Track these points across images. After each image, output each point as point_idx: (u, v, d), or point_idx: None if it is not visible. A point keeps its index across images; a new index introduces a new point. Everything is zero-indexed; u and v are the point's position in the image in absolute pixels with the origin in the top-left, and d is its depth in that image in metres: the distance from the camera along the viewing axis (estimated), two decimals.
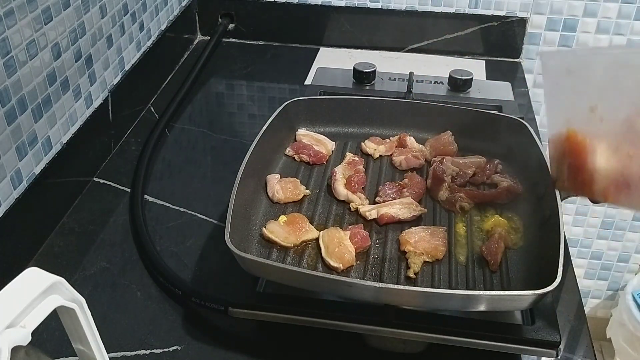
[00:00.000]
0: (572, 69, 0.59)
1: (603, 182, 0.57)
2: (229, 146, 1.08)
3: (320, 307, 0.69)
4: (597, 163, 0.57)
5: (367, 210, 0.80)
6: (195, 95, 1.23)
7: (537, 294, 0.60)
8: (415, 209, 0.79)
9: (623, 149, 0.55)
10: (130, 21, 1.10)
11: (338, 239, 0.74)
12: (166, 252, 0.85)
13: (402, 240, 0.75)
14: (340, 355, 0.72)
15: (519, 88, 1.26)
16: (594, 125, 0.57)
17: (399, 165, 0.90)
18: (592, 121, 0.56)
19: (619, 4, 1.29)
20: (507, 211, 0.81)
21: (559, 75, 0.60)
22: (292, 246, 0.75)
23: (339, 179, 0.84)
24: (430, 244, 0.74)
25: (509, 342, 0.65)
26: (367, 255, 0.74)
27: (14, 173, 0.80)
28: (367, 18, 1.36)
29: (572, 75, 0.59)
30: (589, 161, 0.57)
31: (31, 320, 0.39)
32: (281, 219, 0.78)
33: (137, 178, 0.97)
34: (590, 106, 0.56)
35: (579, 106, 0.58)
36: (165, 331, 0.74)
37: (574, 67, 0.58)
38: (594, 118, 0.56)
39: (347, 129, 0.97)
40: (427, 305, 0.68)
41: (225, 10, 1.40)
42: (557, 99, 0.62)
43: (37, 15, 0.82)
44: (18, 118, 0.80)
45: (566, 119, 0.60)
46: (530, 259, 0.73)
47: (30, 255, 0.84)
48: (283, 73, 1.31)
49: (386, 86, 1.17)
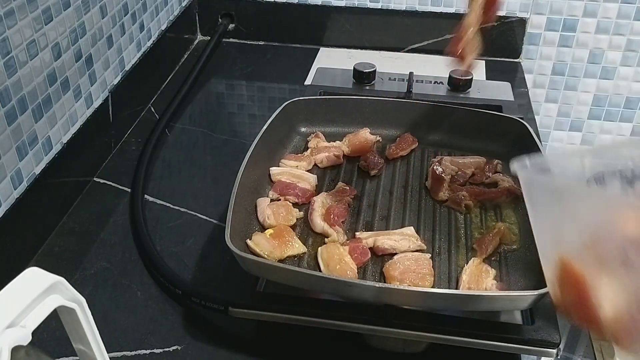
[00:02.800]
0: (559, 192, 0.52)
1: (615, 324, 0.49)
2: (229, 146, 1.08)
3: (320, 307, 0.69)
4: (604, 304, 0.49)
5: (364, 237, 0.75)
6: (195, 95, 1.23)
7: (537, 294, 0.60)
8: (415, 242, 0.75)
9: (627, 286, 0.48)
10: (130, 21, 1.10)
11: (338, 256, 0.72)
12: (166, 252, 0.85)
13: (386, 274, 0.71)
14: (340, 355, 0.72)
15: (519, 88, 1.26)
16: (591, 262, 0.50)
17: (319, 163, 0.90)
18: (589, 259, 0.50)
19: (618, 4, 1.29)
20: (506, 210, 0.81)
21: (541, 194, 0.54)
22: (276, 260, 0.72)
23: (316, 209, 0.78)
24: (417, 274, 0.70)
25: (509, 342, 0.65)
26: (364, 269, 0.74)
27: (15, 173, 0.80)
28: (367, 18, 1.36)
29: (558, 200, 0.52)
30: (592, 298, 0.50)
31: (31, 320, 0.39)
32: (268, 231, 0.75)
33: (137, 178, 0.97)
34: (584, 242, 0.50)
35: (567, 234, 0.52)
36: (165, 331, 0.74)
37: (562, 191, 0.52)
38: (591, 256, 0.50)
39: (347, 129, 0.96)
40: (427, 305, 0.68)
41: (226, 10, 1.40)
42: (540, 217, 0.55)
43: (38, 16, 0.82)
44: (18, 118, 0.80)
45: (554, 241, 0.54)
46: (530, 259, 0.73)
47: (31, 255, 0.84)
48: (283, 73, 1.31)
49: (386, 86, 1.17)
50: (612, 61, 1.35)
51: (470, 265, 0.71)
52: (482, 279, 0.69)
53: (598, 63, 1.36)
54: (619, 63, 1.35)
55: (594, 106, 1.42)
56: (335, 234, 0.76)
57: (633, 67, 1.35)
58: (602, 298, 0.49)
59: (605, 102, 1.41)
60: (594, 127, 1.45)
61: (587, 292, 0.49)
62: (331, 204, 0.80)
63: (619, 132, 1.44)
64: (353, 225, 0.80)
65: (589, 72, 1.38)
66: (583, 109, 1.43)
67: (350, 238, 0.77)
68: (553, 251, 0.53)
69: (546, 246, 0.55)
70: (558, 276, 0.52)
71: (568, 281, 0.51)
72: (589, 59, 1.36)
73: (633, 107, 1.41)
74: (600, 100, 1.41)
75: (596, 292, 0.49)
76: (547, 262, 0.54)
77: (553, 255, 0.53)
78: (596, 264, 0.49)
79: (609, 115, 1.42)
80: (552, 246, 0.54)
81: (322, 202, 0.80)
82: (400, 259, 0.72)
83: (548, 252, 0.54)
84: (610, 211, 0.49)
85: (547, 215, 0.54)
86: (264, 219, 0.78)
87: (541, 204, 0.54)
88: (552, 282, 0.54)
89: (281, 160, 0.89)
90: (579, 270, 0.50)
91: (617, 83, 1.38)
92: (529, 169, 0.53)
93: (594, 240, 0.50)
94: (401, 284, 0.69)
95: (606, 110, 1.42)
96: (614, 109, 1.41)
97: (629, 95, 1.39)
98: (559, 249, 0.52)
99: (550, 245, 0.54)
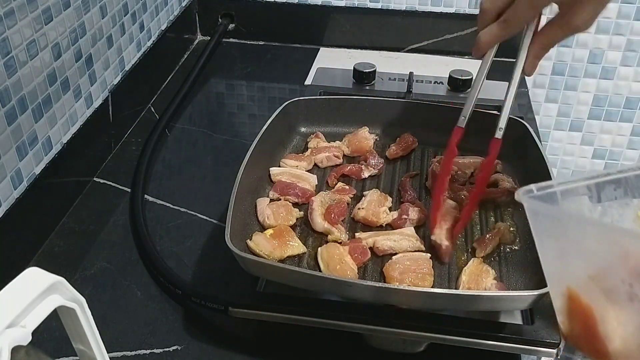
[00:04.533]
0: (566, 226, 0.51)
1: (621, 358, 0.49)
2: (229, 146, 1.08)
3: (320, 307, 0.69)
4: (611, 337, 0.48)
5: (364, 237, 0.76)
6: (195, 95, 1.23)
7: (537, 294, 0.60)
8: (414, 242, 0.75)
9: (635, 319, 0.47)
10: (130, 21, 1.10)
11: (338, 256, 0.72)
12: (166, 252, 0.85)
13: (386, 274, 0.71)
14: (340, 355, 0.72)
15: (519, 88, 1.25)
16: (597, 294, 0.49)
17: (320, 163, 0.90)
18: (595, 291, 0.49)
19: (619, 4, 1.29)
20: (506, 210, 0.81)
21: (548, 225, 0.53)
22: None
23: (315, 209, 0.78)
24: (417, 274, 0.70)
25: (509, 342, 0.65)
26: (364, 269, 0.74)
27: (14, 173, 0.80)
28: (367, 18, 1.36)
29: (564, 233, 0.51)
30: (600, 330, 0.49)
31: (31, 320, 0.39)
32: (268, 231, 0.75)
33: (137, 178, 0.97)
34: (589, 274, 0.49)
35: (574, 266, 0.51)
36: (165, 331, 0.74)
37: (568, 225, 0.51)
38: (596, 289, 0.49)
39: (347, 129, 0.96)
40: (427, 305, 0.68)
41: (226, 10, 1.40)
42: (547, 248, 0.54)
43: (38, 16, 0.82)
44: (18, 118, 0.80)
45: (561, 273, 0.53)
46: (530, 259, 0.73)
47: (30, 255, 0.84)
48: (283, 73, 1.31)
49: (386, 86, 1.17)
50: (612, 61, 1.35)
51: (470, 265, 0.71)
52: (482, 279, 0.69)
53: (598, 63, 1.36)
54: (619, 63, 1.35)
55: (594, 106, 1.42)
56: (337, 232, 0.76)
57: (633, 67, 1.35)
58: (610, 331, 0.48)
59: (605, 102, 1.41)
60: (594, 127, 1.45)
61: (595, 324, 0.49)
62: (331, 203, 0.80)
63: (619, 132, 1.44)
64: (353, 225, 0.80)
65: (589, 72, 1.38)
66: (583, 109, 1.43)
67: (350, 238, 0.77)
68: (560, 281, 0.52)
69: (554, 276, 0.54)
70: (566, 307, 0.52)
71: (576, 313, 0.51)
72: (589, 59, 1.36)
73: (633, 107, 1.41)
74: (600, 100, 1.41)
75: (604, 325, 0.48)
76: (555, 292, 0.53)
77: (560, 285, 0.52)
78: (602, 297, 0.49)
79: (609, 115, 1.42)
80: (559, 276, 0.53)
81: (320, 202, 0.80)
82: (400, 259, 0.72)
83: (555, 282, 0.54)
84: (615, 243, 0.48)
85: (554, 245, 0.53)
86: (263, 219, 0.78)
87: (547, 234, 0.53)
88: (560, 312, 0.53)
89: (281, 160, 0.89)
90: (586, 302, 0.49)
91: (617, 83, 1.38)
92: (535, 197, 0.52)
93: (600, 273, 0.49)
94: (401, 284, 0.69)
95: (606, 110, 1.42)
96: (614, 109, 1.42)
97: (629, 95, 1.39)
98: (566, 280, 0.52)
99: (558, 275, 0.53)
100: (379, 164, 0.89)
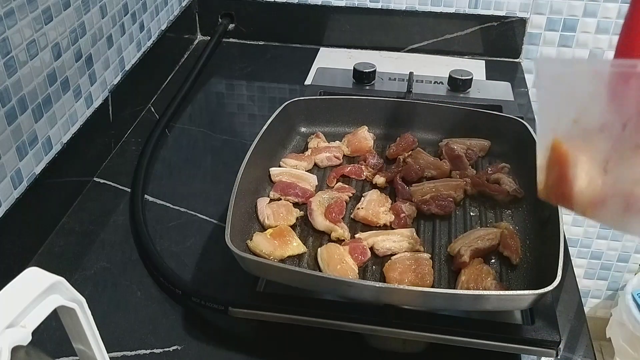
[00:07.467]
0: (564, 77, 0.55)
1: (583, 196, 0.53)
2: (229, 146, 1.08)
3: (320, 307, 0.69)
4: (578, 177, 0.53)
5: (364, 238, 0.75)
6: (195, 95, 1.23)
7: (537, 294, 0.60)
8: (414, 244, 0.75)
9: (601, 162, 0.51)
10: (130, 21, 1.10)
11: (339, 256, 0.72)
12: (166, 252, 0.85)
13: (386, 274, 0.71)
14: (340, 355, 0.72)
15: (519, 88, 1.26)
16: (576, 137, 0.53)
17: (320, 163, 0.90)
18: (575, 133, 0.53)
19: (618, 4, 1.29)
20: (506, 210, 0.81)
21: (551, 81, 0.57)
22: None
23: (315, 209, 0.78)
24: (416, 274, 0.70)
25: (509, 342, 0.65)
26: (365, 269, 0.74)
27: (14, 173, 0.80)
28: (367, 18, 1.36)
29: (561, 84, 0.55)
30: (570, 173, 0.54)
31: (31, 320, 0.39)
32: (268, 231, 0.76)
33: (137, 178, 0.97)
34: (573, 118, 0.53)
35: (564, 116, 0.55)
36: (165, 331, 0.74)
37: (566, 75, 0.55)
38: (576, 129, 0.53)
39: (347, 129, 0.97)
40: (427, 305, 0.68)
41: (226, 10, 1.40)
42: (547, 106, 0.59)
43: (38, 15, 0.82)
44: (18, 118, 0.80)
45: (552, 127, 0.57)
46: (530, 259, 0.73)
47: (30, 255, 0.84)
48: (283, 73, 1.31)
49: (386, 86, 1.17)
50: None
51: (470, 265, 0.71)
52: (481, 279, 0.69)
53: None
54: None
55: None
56: (340, 229, 0.76)
57: None
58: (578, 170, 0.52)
59: None
60: None
61: (567, 169, 0.53)
62: (329, 202, 0.81)
63: None
64: (353, 225, 0.80)
65: None
66: None
67: (350, 237, 0.77)
68: (549, 136, 0.55)
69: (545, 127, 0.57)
70: (547, 160, 0.55)
71: (554, 162, 0.54)
72: None
73: None
74: None
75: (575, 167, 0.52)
76: (542, 144, 0.56)
77: (548, 140, 0.55)
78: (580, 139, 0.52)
79: None
80: (549, 132, 0.56)
81: (319, 202, 0.80)
82: (400, 259, 0.72)
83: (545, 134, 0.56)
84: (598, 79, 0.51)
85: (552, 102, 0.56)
86: (263, 219, 0.78)
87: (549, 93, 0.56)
88: (541, 168, 0.56)
89: (281, 160, 0.89)
90: (565, 149, 0.53)
91: None
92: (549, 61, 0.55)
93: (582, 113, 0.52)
94: (401, 284, 0.69)
95: None
96: None
97: None
98: (554, 130, 0.55)
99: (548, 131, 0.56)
100: (379, 164, 0.89)
